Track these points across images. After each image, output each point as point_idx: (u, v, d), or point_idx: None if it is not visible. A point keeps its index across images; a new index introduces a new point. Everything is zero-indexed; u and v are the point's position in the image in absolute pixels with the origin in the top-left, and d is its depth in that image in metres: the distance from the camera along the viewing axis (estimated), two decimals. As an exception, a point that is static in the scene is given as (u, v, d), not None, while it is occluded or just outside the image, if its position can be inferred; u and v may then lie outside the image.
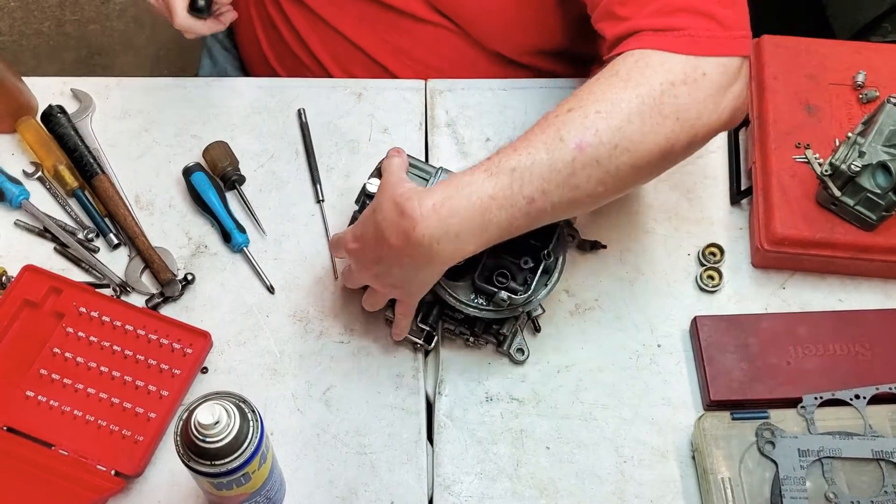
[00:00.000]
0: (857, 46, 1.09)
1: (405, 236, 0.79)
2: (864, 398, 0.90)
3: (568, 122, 0.80)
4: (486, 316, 0.91)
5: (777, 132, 1.02)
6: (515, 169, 0.79)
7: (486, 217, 0.79)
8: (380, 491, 0.91)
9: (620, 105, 0.79)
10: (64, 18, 2.23)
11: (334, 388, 0.96)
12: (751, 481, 0.86)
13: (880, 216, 0.96)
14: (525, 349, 0.96)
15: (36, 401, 0.92)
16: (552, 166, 0.79)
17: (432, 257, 0.80)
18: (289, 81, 1.17)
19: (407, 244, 0.80)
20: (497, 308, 0.90)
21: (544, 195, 0.79)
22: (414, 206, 0.79)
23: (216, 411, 0.73)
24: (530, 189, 0.79)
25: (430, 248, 0.79)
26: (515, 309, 0.91)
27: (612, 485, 0.91)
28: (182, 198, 1.06)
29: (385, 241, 0.81)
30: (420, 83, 1.14)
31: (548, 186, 0.79)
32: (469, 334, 0.95)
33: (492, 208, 0.79)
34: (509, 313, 0.91)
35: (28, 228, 1.04)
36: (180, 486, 0.91)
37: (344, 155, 1.10)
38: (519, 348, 0.96)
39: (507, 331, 0.94)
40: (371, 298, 0.93)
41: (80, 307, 0.96)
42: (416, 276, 0.84)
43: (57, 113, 1.08)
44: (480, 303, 0.91)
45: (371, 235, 0.84)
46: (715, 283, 1.01)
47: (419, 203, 0.79)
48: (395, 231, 0.80)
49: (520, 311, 0.91)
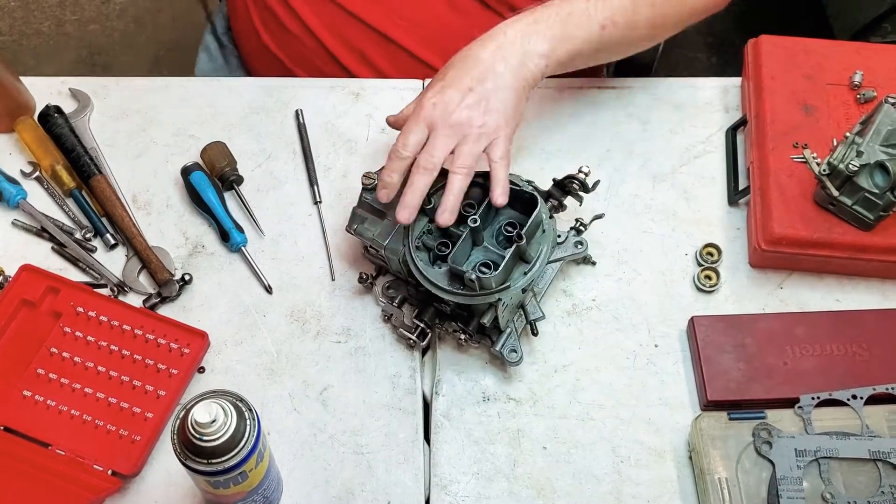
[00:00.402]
0: (854, 47, 1.09)
1: (496, 43, 0.91)
2: (861, 398, 0.90)
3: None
4: (460, 300, 0.89)
5: (775, 132, 1.02)
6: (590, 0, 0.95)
7: (567, 29, 0.94)
8: (376, 491, 0.91)
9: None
10: (64, 18, 2.23)
11: (331, 387, 0.96)
12: (748, 481, 0.86)
13: (878, 216, 0.96)
14: (518, 350, 0.94)
15: (33, 400, 0.92)
16: (623, 3, 0.96)
17: (524, 58, 0.91)
18: (287, 81, 1.17)
19: (499, 48, 0.91)
20: (470, 292, 0.88)
21: (614, 25, 0.96)
22: (498, 25, 0.93)
23: (213, 410, 0.73)
24: (602, 17, 0.95)
25: (522, 46, 0.91)
26: (490, 294, 0.88)
27: (609, 485, 0.91)
28: (180, 198, 1.06)
29: (475, 59, 0.91)
30: (417, 83, 1.14)
31: (616, 18, 0.96)
32: (461, 331, 0.94)
33: (570, 24, 0.94)
34: (483, 299, 0.88)
35: (25, 228, 1.04)
36: (177, 485, 0.91)
37: (342, 155, 1.10)
38: (512, 349, 0.94)
39: (488, 321, 0.91)
40: (437, 147, 0.89)
41: (77, 307, 0.96)
42: (511, 90, 0.91)
43: (54, 113, 1.08)
44: (459, 288, 0.89)
45: (458, 67, 0.91)
46: (712, 283, 1.01)
47: (502, 23, 0.93)
48: (485, 44, 0.92)
49: (495, 297, 0.88)
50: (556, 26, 0.94)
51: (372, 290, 1.00)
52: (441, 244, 0.92)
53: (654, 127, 1.11)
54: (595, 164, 1.08)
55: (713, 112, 1.12)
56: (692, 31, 1.10)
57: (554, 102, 1.12)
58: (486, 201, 0.91)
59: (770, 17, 2.16)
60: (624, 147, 1.10)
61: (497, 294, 0.88)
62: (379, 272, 1.00)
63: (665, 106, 1.13)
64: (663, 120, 1.12)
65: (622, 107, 1.13)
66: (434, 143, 0.90)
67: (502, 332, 0.94)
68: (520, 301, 0.94)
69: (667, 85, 1.15)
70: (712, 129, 1.11)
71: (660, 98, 1.13)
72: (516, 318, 0.95)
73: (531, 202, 0.91)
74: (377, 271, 1.00)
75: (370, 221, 0.95)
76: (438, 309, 0.95)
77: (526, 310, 0.95)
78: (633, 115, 1.12)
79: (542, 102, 1.12)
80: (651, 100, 1.13)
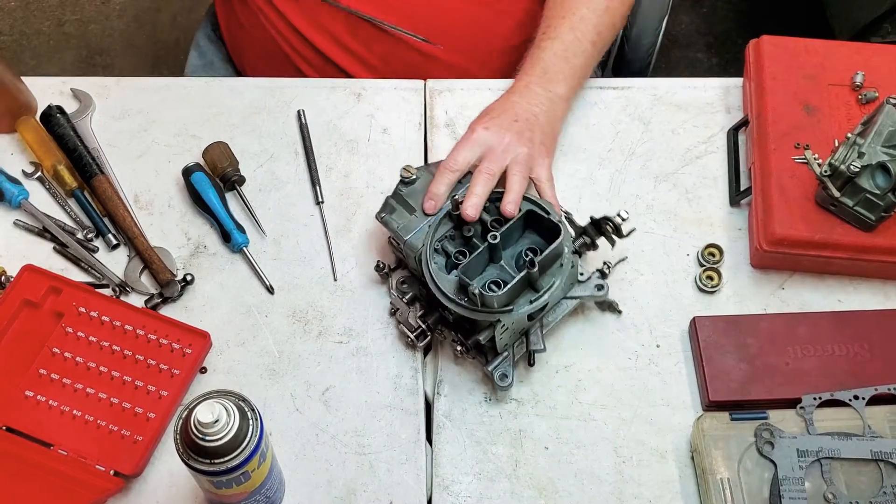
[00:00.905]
0: (856, 47, 1.09)
1: (525, 98, 1.02)
2: (863, 399, 0.90)
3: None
4: (460, 311, 0.88)
5: (776, 133, 1.02)
6: (572, 27, 1.06)
7: (570, 64, 1.05)
8: (378, 491, 0.91)
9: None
10: (64, 18, 2.23)
11: (333, 388, 0.96)
12: (749, 482, 0.87)
13: (879, 217, 0.96)
14: (510, 375, 0.92)
15: (35, 400, 0.92)
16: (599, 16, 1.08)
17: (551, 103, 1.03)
18: (288, 81, 1.17)
19: (530, 100, 1.02)
20: (472, 306, 0.88)
21: (599, 36, 1.08)
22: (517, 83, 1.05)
23: (216, 409, 0.73)
24: (590, 35, 1.07)
25: (545, 94, 1.03)
26: (490, 312, 0.87)
27: (611, 485, 0.91)
28: (181, 198, 1.06)
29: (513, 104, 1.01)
30: (419, 83, 1.15)
31: (600, 29, 1.08)
32: (459, 342, 0.93)
33: (570, 59, 1.05)
34: (483, 316, 0.87)
35: (27, 228, 1.04)
36: (179, 486, 0.91)
37: (343, 155, 1.10)
38: (504, 373, 0.92)
39: (484, 339, 0.89)
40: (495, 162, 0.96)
41: (79, 307, 0.96)
42: (548, 125, 1.02)
43: (56, 113, 1.08)
44: (463, 299, 0.88)
45: (500, 109, 1.01)
46: (714, 283, 1.01)
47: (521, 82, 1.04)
48: (516, 98, 1.02)
49: (495, 317, 0.87)
50: (564, 68, 1.05)
51: (387, 280, 1.00)
52: (459, 252, 0.91)
53: (655, 127, 1.11)
54: (596, 165, 1.09)
55: (715, 112, 1.12)
56: (693, 32, 1.10)
57: (555, 103, 1.12)
58: (513, 221, 0.91)
59: (771, 17, 2.16)
60: (625, 147, 1.10)
61: (498, 314, 0.87)
62: (398, 265, 1.00)
63: (666, 106, 1.13)
64: (665, 120, 1.12)
65: (623, 107, 1.13)
66: (489, 162, 0.96)
67: (499, 354, 0.93)
68: (523, 328, 0.93)
69: (668, 85, 1.15)
70: (714, 129, 1.11)
71: (661, 98, 1.13)
72: (517, 343, 0.94)
73: (556, 232, 0.90)
74: (396, 264, 1.00)
75: (399, 213, 0.96)
76: (443, 315, 0.95)
77: (529, 338, 0.94)
78: (634, 115, 1.12)
79: (544, 103, 1.13)
80: (652, 100, 1.13)
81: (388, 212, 0.96)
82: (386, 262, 0.99)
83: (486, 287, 0.89)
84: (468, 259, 0.89)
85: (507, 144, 0.97)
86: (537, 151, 0.99)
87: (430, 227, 0.92)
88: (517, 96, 1.03)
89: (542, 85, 1.03)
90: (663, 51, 1.07)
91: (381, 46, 1.19)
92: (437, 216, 0.93)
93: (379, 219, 0.96)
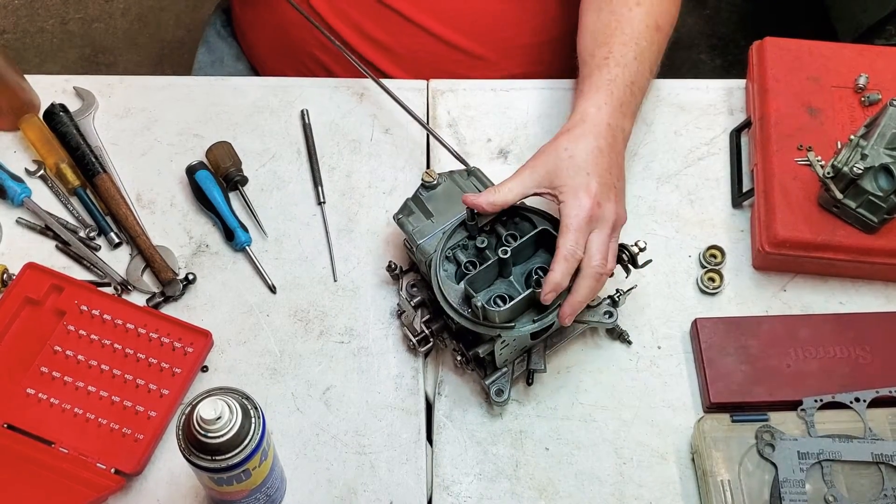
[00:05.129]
0: (859, 49, 1.09)
1: (606, 140, 0.94)
2: (864, 401, 0.90)
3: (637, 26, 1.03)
4: (461, 322, 0.87)
5: (779, 134, 1.02)
6: (637, 57, 1.00)
7: (636, 98, 1.00)
8: (379, 491, 0.91)
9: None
10: (68, 16, 2.23)
11: (334, 388, 0.96)
12: (750, 484, 0.86)
13: (882, 219, 0.96)
14: (506, 391, 0.91)
15: (36, 398, 0.92)
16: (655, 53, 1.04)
17: (624, 143, 0.98)
18: (291, 81, 1.17)
19: (613, 142, 0.95)
20: (473, 318, 0.87)
21: (655, 63, 1.04)
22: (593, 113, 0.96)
23: (219, 406, 0.73)
24: (649, 64, 1.02)
25: (622, 131, 0.97)
26: (491, 327, 0.86)
27: (612, 486, 0.91)
28: (184, 197, 1.07)
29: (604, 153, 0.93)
30: (422, 83, 1.15)
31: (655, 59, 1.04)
32: (459, 352, 0.93)
33: (637, 92, 1.00)
34: (484, 330, 0.87)
35: (30, 226, 1.05)
36: (180, 484, 0.91)
37: (345, 155, 1.10)
38: (500, 389, 0.91)
39: (483, 353, 0.89)
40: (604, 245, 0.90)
41: (81, 305, 0.96)
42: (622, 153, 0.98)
43: (59, 111, 1.08)
44: (467, 310, 0.88)
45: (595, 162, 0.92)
46: (716, 284, 1.01)
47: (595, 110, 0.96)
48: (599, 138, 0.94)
49: (496, 332, 0.86)
50: (633, 101, 1.00)
51: (398, 281, 0.99)
52: (470, 262, 0.91)
53: (658, 128, 1.11)
54: (599, 166, 1.08)
55: (717, 114, 1.12)
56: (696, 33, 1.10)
57: (557, 103, 1.12)
58: (527, 238, 0.90)
59: (773, 19, 2.16)
60: (628, 148, 1.09)
61: (499, 330, 0.87)
62: (410, 268, 1.00)
63: (669, 107, 1.13)
64: (667, 121, 1.12)
65: (626, 108, 1.13)
66: (596, 244, 0.90)
67: (497, 370, 0.92)
68: (526, 346, 0.93)
69: (671, 86, 1.15)
70: (716, 130, 1.11)
71: (664, 99, 1.13)
72: (518, 360, 0.94)
73: None
74: (409, 266, 1.00)
75: (416, 217, 0.95)
76: (447, 323, 0.94)
77: (531, 357, 0.94)
78: (637, 116, 1.12)
79: (545, 103, 1.13)
80: (655, 101, 1.13)
81: (405, 214, 0.96)
82: (398, 263, 0.99)
83: (492, 301, 0.89)
84: (477, 270, 0.89)
85: (615, 223, 0.91)
86: (624, 214, 0.94)
87: (444, 233, 0.92)
88: (603, 141, 0.94)
89: (618, 120, 0.96)
90: (666, 52, 1.07)
91: (407, 37, 1.17)
92: (452, 223, 0.92)
93: (396, 220, 0.96)
